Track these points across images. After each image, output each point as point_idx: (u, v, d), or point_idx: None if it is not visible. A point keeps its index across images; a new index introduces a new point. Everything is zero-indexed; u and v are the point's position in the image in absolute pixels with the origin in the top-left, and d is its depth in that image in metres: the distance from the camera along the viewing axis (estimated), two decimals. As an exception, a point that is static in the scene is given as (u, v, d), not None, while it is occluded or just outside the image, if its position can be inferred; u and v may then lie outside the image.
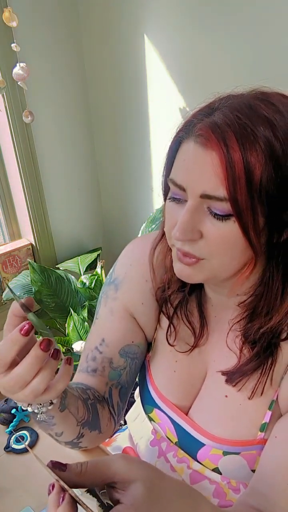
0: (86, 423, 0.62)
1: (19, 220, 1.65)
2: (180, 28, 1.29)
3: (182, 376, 0.67)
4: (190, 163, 0.49)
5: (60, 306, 1.46)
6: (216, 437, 0.63)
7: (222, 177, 0.46)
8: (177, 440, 0.68)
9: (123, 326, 0.68)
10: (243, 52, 1.19)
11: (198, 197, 0.48)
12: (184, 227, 0.49)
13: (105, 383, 0.68)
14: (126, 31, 1.42)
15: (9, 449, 0.80)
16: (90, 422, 0.63)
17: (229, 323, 0.62)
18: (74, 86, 1.60)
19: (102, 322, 0.70)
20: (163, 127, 1.49)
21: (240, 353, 0.60)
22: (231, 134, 0.45)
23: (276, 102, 0.48)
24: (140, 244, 0.70)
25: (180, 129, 0.51)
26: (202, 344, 0.65)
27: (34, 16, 1.39)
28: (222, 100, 0.50)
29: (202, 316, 0.65)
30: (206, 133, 0.47)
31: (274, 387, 0.59)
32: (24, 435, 0.82)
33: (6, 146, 1.48)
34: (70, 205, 1.75)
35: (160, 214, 1.45)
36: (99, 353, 0.68)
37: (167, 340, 0.66)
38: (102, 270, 1.57)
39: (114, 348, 0.68)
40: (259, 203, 0.47)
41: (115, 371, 0.68)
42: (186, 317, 0.65)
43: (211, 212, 0.49)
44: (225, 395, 0.62)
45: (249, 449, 0.61)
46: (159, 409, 0.69)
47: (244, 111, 0.47)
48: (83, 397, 0.63)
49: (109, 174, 1.78)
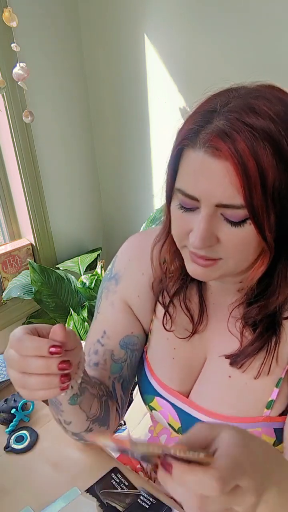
0: (97, 419, 0.64)
1: (19, 220, 1.65)
2: (181, 27, 1.29)
3: (181, 362, 0.68)
4: (201, 174, 0.48)
5: (60, 306, 1.46)
6: (220, 415, 0.63)
7: (238, 186, 0.46)
8: (180, 425, 0.68)
9: (123, 317, 0.71)
10: (244, 52, 1.19)
11: (213, 206, 0.49)
12: (203, 236, 0.50)
13: (108, 377, 0.69)
14: (126, 31, 1.42)
15: (9, 449, 0.80)
16: (101, 418, 0.65)
17: (228, 308, 0.63)
18: (74, 86, 1.60)
19: (103, 315, 0.72)
20: (163, 127, 1.49)
21: (242, 336, 0.61)
22: (241, 141, 0.45)
23: (271, 97, 0.48)
24: (137, 240, 0.73)
25: (183, 138, 0.51)
26: (201, 330, 0.66)
27: (34, 16, 1.39)
28: (220, 101, 0.49)
29: (202, 302, 0.66)
30: (216, 143, 0.46)
31: (281, 365, 0.60)
32: (24, 435, 0.82)
33: (6, 146, 1.48)
34: (70, 205, 1.75)
35: (160, 214, 1.45)
36: (101, 345, 0.70)
37: (164, 327, 0.68)
38: (102, 270, 1.57)
39: (115, 339, 0.70)
40: (272, 202, 0.48)
41: (116, 364, 0.70)
42: (184, 304, 0.66)
43: (226, 220, 0.49)
44: (228, 376, 0.63)
45: (255, 426, 0.61)
46: (160, 397, 0.69)
47: (248, 114, 0.46)
48: (99, 394, 0.65)
49: (109, 174, 1.78)
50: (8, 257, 1.57)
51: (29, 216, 1.58)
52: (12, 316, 1.63)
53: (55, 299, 1.46)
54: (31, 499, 0.71)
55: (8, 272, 1.58)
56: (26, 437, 0.82)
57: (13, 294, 1.47)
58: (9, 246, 1.61)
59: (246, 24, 1.15)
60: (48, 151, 1.57)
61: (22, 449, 0.80)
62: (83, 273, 1.62)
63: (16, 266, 1.60)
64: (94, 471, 0.74)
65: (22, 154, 1.47)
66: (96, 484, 0.72)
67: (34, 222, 1.60)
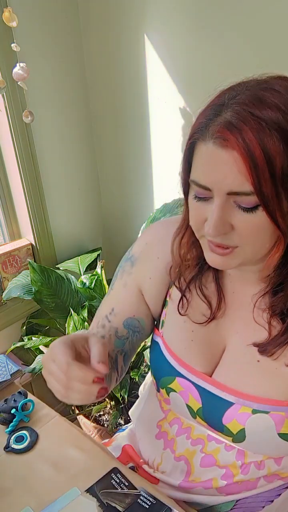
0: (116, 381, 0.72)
1: (19, 220, 1.65)
2: (181, 28, 1.29)
3: (201, 345, 0.69)
4: (211, 164, 0.51)
5: (60, 306, 1.46)
6: (246, 395, 0.64)
7: (246, 174, 0.48)
8: (200, 405, 0.69)
9: (131, 299, 0.75)
10: (244, 52, 1.19)
11: (225, 194, 0.51)
12: (216, 224, 0.52)
13: (112, 350, 0.73)
14: (127, 31, 1.42)
15: (9, 449, 0.80)
16: (119, 376, 0.73)
17: (252, 298, 0.64)
18: (74, 86, 1.60)
19: (115, 293, 0.78)
20: (163, 127, 1.49)
21: (270, 326, 0.62)
22: (247, 131, 0.47)
23: (280, 88, 0.50)
24: (159, 225, 0.77)
25: (194, 132, 0.53)
26: (219, 316, 0.68)
27: (34, 16, 1.39)
28: (228, 94, 0.52)
29: (220, 290, 0.68)
30: (223, 134, 0.49)
31: None
32: (24, 435, 0.82)
33: (6, 146, 1.48)
34: (70, 205, 1.75)
35: (160, 214, 1.45)
36: (108, 321, 0.75)
37: (178, 311, 0.70)
38: (102, 270, 1.57)
39: (120, 318, 0.75)
40: (282, 189, 0.49)
41: (119, 340, 0.74)
42: (201, 291, 0.68)
43: (239, 206, 0.51)
44: (257, 360, 0.64)
45: (279, 409, 0.62)
46: (181, 377, 0.70)
47: (254, 105, 0.48)
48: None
49: (109, 174, 1.78)
50: (8, 257, 1.57)
51: (29, 216, 1.58)
52: (12, 316, 1.62)
53: (55, 299, 1.46)
54: (31, 499, 0.71)
55: (8, 272, 1.58)
56: (26, 437, 0.82)
57: (13, 294, 1.47)
58: (9, 246, 1.60)
59: (247, 24, 1.15)
60: (48, 151, 1.57)
61: (22, 449, 0.80)
62: (83, 273, 1.62)
63: (16, 266, 1.60)
64: (94, 471, 0.75)
65: (22, 154, 1.47)
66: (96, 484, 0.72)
67: (34, 222, 1.60)
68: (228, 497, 0.73)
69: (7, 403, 0.87)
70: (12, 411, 0.85)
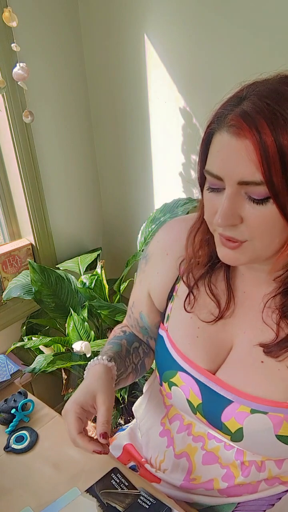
0: (133, 380, 0.80)
1: (19, 220, 1.65)
2: (181, 27, 1.29)
3: (206, 342, 0.69)
4: (224, 153, 0.51)
5: (60, 306, 1.46)
6: (245, 394, 0.64)
7: (257, 163, 0.48)
8: (200, 401, 0.69)
9: (143, 297, 0.80)
10: (244, 52, 1.19)
11: (236, 184, 0.51)
12: (225, 213, 0.52)
13: (142, 336, 0.85)
14: (127, 30, 1.42)
15: (9, 449, 0.80)
16: (136, 377, 0.81)
17: (263, 298, 0.64)
18: (74, 86, 1.60)
19: (135, 287, 0.83)
20: (163, 126, 1.49)
21: (278, 327, 0.62)
22: (261, 120, 0.47)
23: None
24: (172, 223, 0.78)
25: (211, 121, 0.54)
26: (228, 316, 0.68)
27: (34, 16, 1.39)
28: (249, 88, 0.52)
29: (230, 290, 0.68)
30: (237, 122, 0.49)
31: None
32: (24, 435, 0.82)
33: (6, 146, 1.48)
34: (70, 205, 1.75)
35: (160, 214, 1.45)
36: (131, 312, 0.84)
37: (184, 308, 0.70)
38: (102, 270, 1.57)
39: (137, 311, 0.82)
40: None
41: (142, 329, 0.83)
42: (210, 289, 0.68)
43: (250, 197, 0.51)
44: (261, 361, 0.64)
45: (278, 410, 0.62)
46: (183, 371, 0.70)
47: (272, 97, 0.49)
48: (135, 362, 0.80)
49: (109, 174, 1.78)
50: (8, 257, 1.57)
51: (29, 216, 1.58)
52: (12, 316, 1.63)
53: (55, 299, 1.46)
54: (31, 499, 0.71)
55: (8, 272, 1.58)
56: (26, 437, 0.82)
57: (13, 294, 1.47)
58: (9, 246, 1.60)
59: (248, 24, 1.15)
60: (48, 151, 1.57)
61: (22, 449, 0.80)
62: (83, 273, 1.62)
63: (16, 266, 1.60)
64: (94, 471, 0.75)
65: (22, 154, 1.47)
66: (96, 484, 0.72)
67: (34, 222, 1.60)
68: (229, 499, 0.73)
69: (7, 403, 0.87)
70: (12, 411, 0.85)
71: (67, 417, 0.65)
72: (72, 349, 1.33)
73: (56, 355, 1.37)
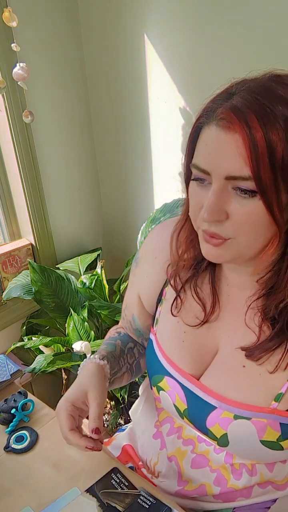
0: (128, 380, 0.81)
1: (19, 220, 1.65)
2: (181, 27, 1.29)
3: (192, 347, 0.69)
4: (212, 147, 0.50)
5: (60, 306, 1.46)
6: (228, 399, 0.63)
7: (246, 157, 0.47)
8: (186, 407, 0.68)
9: (134, 298, 0.80)
10: (244, 52, 1.19)
11: (223, 179, 0.50)
12: (212, 208, 0.51)
13: (137, 338, 0.85)
14: (127, 30, 1.42)
15: (9, 449, 0.80)
16: (131, 378, 0.82)
17: (246, 301, 0.63)
18: (74, 86, 1.60)
19: (128, 291, 0.84)
20: (163, 126, 1.49)
21: (260, 330, 0.61)
22: (251, 115, 0.47)
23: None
24: (161, 226, 0.77)
25: (200, 116, 0.53)
26: (212, 320, 0.67)
27: (34, 16, 1.39)
28: (238, 84, 0.52)
29: (215, 293, 0.67)
30: (227, 116, 0.48)
31: None
32: (24, 435, 0.82)
33: (6, 146, 1.48)
34: (70, 205, 1.75)
35: (160, 214, 1.45)
36: (125, 315, 0.85)
37: (171, 312, 0.70)
38: (102, 270, 1.57)
39: (130, 313, 0.83)
40: (282, 180, 0.48)
41: (136, 331, 0.83)
42: (195, 293, 0.67)
43: (236, 191, 0.50)
44: (242, 365, 0.63)
45: (261, 416, 0.61)
46: (170, 376, 0.70)
47: (262, 93, 0.49)
48: (129, 362, 0.81)
49: (109, 174, 1.78)
50: (8, 257, 1.57)
51: (29, 216, 1.58)
52: (12, 316, 1.63)
53: (55, 299, 1.46)
54: (31, 499, 0.71)
55: (8, 272, 1.58)
56: (26, 437, 0.82)
57: (13, 294, 1.47)
58: (9, 246, 1.60)
59: (247, 24, 1.15)
60: (48, 151, 1.57)
61: (22, 449, 0.80)
62: (83, 273, 1.62)
63: (16, 266, 1.60)
64: (94, 471, 0.75)
65: (22, 154, 1.47)
66: (96, 484, 0.72)
67: (34, 222, 1.60)
68: (224, 504, 0.73)
69: (7, 403, 0.87)
70: (12, 411, 0.85)
71: (59, 415, 0.66)
72: (72, 349, 1.33)
73: (56, 355, 1.37)
